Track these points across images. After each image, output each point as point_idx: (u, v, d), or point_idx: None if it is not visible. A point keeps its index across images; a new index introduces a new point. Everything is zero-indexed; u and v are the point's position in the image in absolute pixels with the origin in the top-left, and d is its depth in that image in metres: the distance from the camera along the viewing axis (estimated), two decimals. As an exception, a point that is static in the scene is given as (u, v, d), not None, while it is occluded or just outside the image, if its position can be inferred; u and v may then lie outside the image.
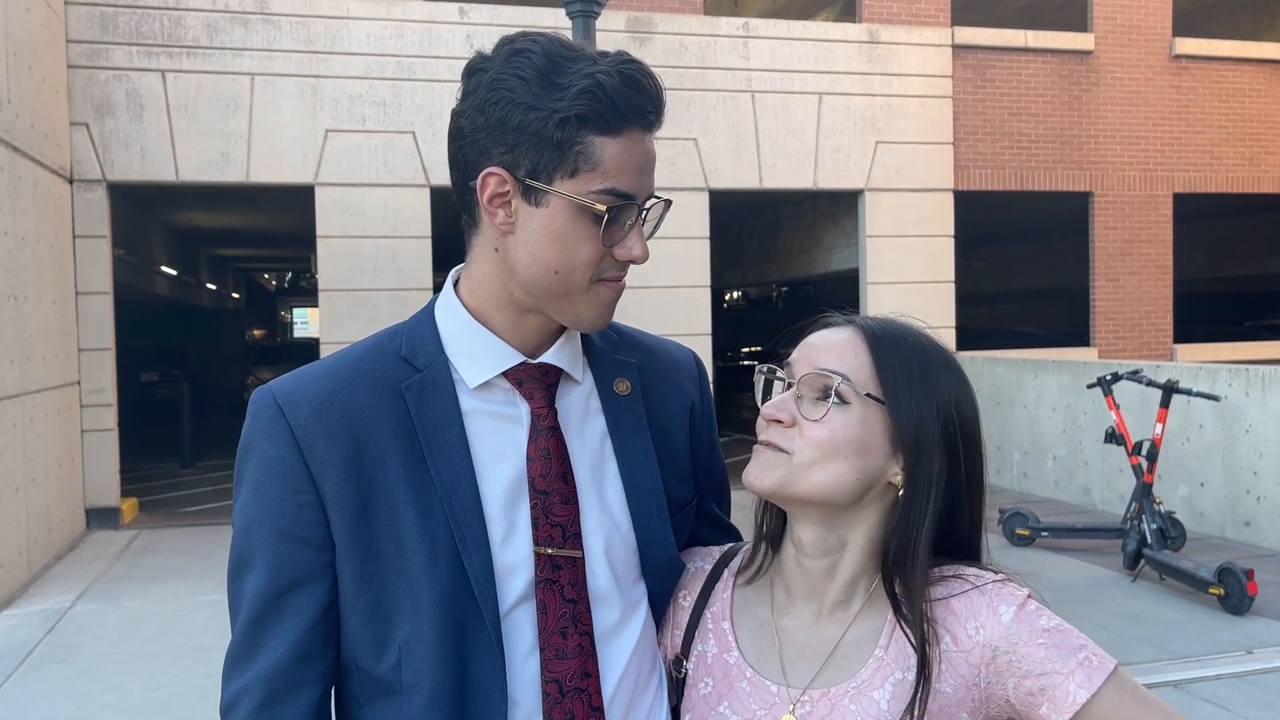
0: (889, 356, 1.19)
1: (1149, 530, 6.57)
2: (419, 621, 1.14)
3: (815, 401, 1.18)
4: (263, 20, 9.61)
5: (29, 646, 5.76)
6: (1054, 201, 12.51)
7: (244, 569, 1.17)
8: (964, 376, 1.25)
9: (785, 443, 1.18)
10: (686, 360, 1.44)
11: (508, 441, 1.21)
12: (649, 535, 1.28)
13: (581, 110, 1.11)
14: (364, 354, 1.23)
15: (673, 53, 10.64)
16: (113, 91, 9.27)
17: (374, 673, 1.17)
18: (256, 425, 1.18)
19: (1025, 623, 1.13)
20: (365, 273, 9.86)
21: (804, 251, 13.71)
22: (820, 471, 1.16)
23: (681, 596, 1.33)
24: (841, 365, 1.19)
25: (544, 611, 1.18)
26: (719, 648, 1.26)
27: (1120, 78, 12.20)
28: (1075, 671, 1.10)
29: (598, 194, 1.12)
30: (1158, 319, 12.51)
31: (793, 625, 1.24)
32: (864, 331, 1.22)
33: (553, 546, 1.19)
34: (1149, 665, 5.04)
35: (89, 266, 9.18)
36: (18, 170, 7.39)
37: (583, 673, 1.19)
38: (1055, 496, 9.56)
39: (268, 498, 1.16)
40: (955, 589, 1.17)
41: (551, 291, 1.17)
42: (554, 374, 1.24)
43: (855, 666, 1.18)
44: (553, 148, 1.12)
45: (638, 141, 1.16)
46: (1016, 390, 10.11)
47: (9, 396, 6.95)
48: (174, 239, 17.17)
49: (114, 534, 8.92)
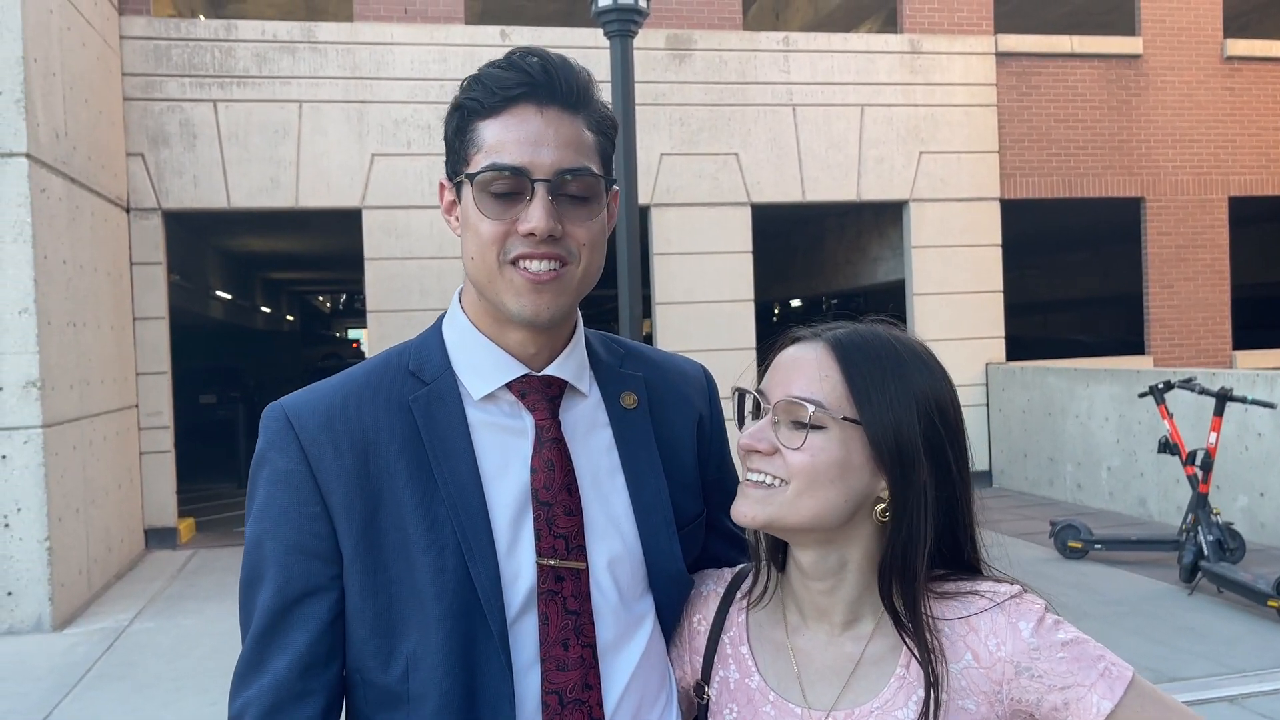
0: (860, 370, 1.18)
1: (1206, 542, 6.41)
2: (426, 632, 1.15)
3: (792, 428, 1.17)
4: (310, 49, 9.82)
5: (88, 664, 5.91)
6: (1104, 208, 12.31)
7: (255, 583, 1.19)
8: (940, 370, 1.23)
9: (770, 469, 1.18)
10: (695, 375, 1.45)
11: (513, 453, 1.22)
12: (655, 549, 1.28)
13: (462, 100, 1.19)
14: (373, 369, 1.26)
15: (713, 69, 10.67)
16: (167, 122, 9.53)
17: (381, 683, 1.18)
18: (267, 439, 1.21)
19: (1044, 637, 1.14)
20: (412, 293, 10.00)
21: (849, 263, 13.63)
22: (808, 499, 1.16)
23: (696, 620, 1.33)
24: (813, 390, 1.17)
25: (546, 623, 1.19)
26: (740, 673, 1.26)
27: (1170, 81, 11.99)
28: (1097, 683, 1.11)
29: (483, 170, 1.16)
30: (1215, 325, 12.23)
31: (808, 646, 1.24)
32: (833, 347, 1.20)
33: (555, 558, 1.20)
34: (1204, 680, 4.92)
35: (146, 293, 9.42)
36: (76, 201, 7.62)
37: (584, 684, 1.20)
38: (1110, 508, 9.37)
39: (277, 510, 1.18)
40: (974, 607, 1.17)
41: (480, 281, 1.20)
42: (558, 386, 1.26)
43: (877, 686, 1.18)
44: (456, 144, 1.20)
45: (524, 117, 1.17)
46: (1068, 400, 9.95)
47: (69, 420, 7.15)
48: (229, 264, 17.55)
49: (171, 553, 9.12)
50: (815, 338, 1.23)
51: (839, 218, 13.71)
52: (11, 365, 6.54)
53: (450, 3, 10.22)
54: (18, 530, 6.56)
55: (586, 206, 1.19)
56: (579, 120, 1.19)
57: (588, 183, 1.18)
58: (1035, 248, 17.23)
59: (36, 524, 6.59)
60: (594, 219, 1.20)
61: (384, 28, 9.97)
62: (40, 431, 6.60)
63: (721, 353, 10.32)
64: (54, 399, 6.84)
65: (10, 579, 6.55)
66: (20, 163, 6.56)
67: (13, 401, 6.55)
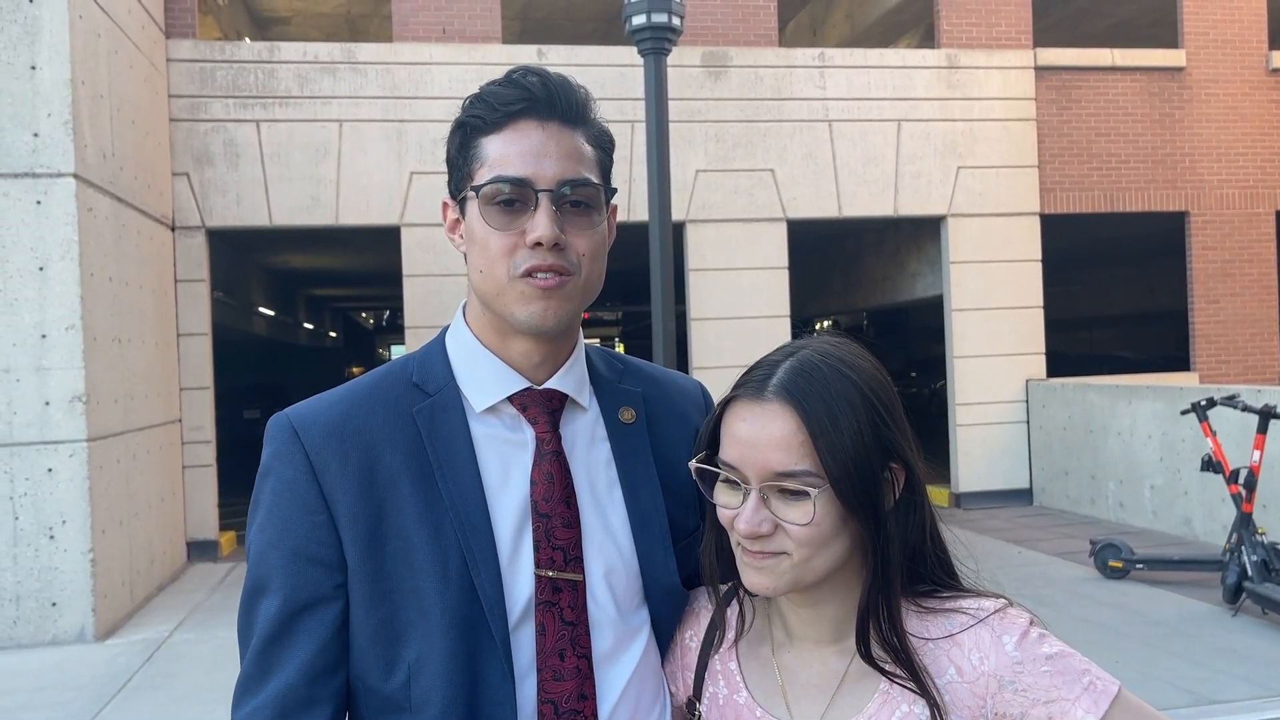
0: (824, 425, 1.13)
1: (1250, 562, 6.28)
2: (429, 640, 1.17)
3: (790, 503, 1.14)
4: (350, 69, 9.99)
5: (128, 674, 6.01)
6: (1148, 222, 12.14)
7: (259, 593, 1.20)
8: (870, 365, 1.19)
9: (772, 550, 1.16)
10: (693, 391, 1.47)
11: (514, 465, 1.24)
12: (651, 562, 1.29)
13: (464, 118, 1.23)
14: (377, 380, 1.28)
15: (748, 85, 10.69)
16: (211, 142, 9.72)
17: (382, 691, 1.19)
18: (273, 449, 1.23)
19: (1028, 651, 1.12)
20: (449, 310, 10.08)
21: (888, 279, 13.56)
22: (821, 560, 1.16)
23: (688, 636, 1.34)
24: (795, 461, 1.13)
25: (543, 633, 1.20)
26: (729, 689, 1.27)
27: (1215, 93, 11.82)
28: (1081, 697, 1.09)
29: (488, 183, 1.19)
30: (1263, 341, 11.99)
31: (794, 662, 1.24)
32: (792, 403, 1.14)
33: (553, 569, 1.21)
34: (1246, 703, 4.81)
35: (189, 309, 9.60)
36: (122, 219, 7.80)
37: (579, 694, 1.21)
38: (1154, 527, 9.21)
39: (282, 519, 1.20)
40: (957, 624, 1.17)
41: (487, 294, 1.22)
42: (559, 399, 1.28)
43: (861, 702, 1.18)
44: (459, 161, 1.24)
45: (526, 132, 1.20)
46: (1110, 417, 9.80)
47: (113, 434, 7.30)
48: (271, 281, 17.82)
49: (213, 566, 9.25)
50: (763, 397, 1.16)
51: (877, 233, 13.65)
52: (58, 380, 6.70)
53: (488, 22, 10.34)
54: (62, 542, 6.70)
55: (588, 216, 1.22)
56: (578, 134, 1.23)
57: (588, 192, 1.21)
58: (1077, 263, 17.03)
59: (80, 536, 6.72)
60: (595, 229, 1.23)
61: (422, 48, 10.11)
62: (85, 445, 6.74)
63: (757, 369, 10.28)
64: (99, 413, 6.98)
65: (55, 590, 6.68)
66: (68, 182, 6.73)
67: (59, 416, 6.70)
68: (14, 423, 6.64)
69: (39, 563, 6.67)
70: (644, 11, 6.63)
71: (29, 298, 6.67)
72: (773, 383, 1.16)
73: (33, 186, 6.68)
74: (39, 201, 6.69)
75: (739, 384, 1.20)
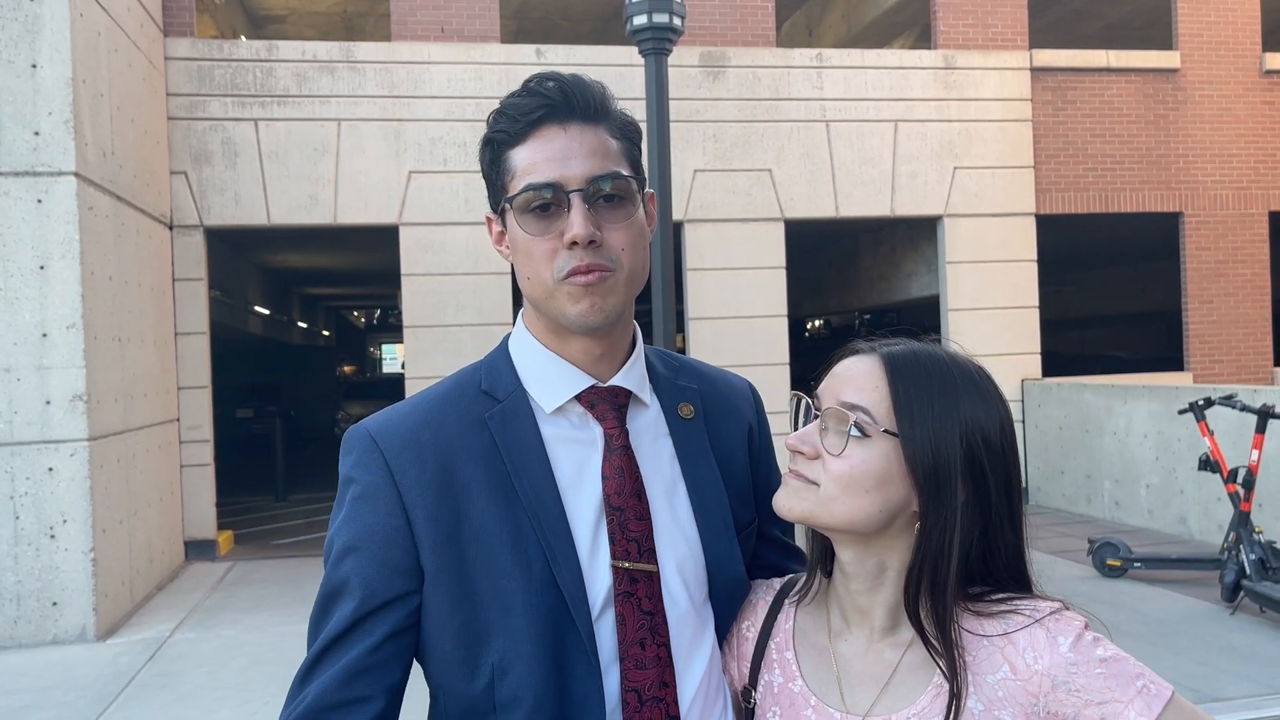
0: (907, 386, 1.20)
1: (1248, 561, 6.33)
2: (514, 639, 1.19)
3: (837, 435, 1.20)
4: (348, 68, 9.98)
5: (130, 674, 6.00)
6: (1142, 223, 12.20)
7: (336, 595, 1.22)
8: (994, 395, 1.25)
9: (810, 473, 1.22)
10: (743, 388, 1.51)
11: (586, 464, 1.28)
12: (717, 552, 1.33)
13: (490, 134, 1.26)
14: (448, 390, 1.32)
15: (746, 85, 10.72)
16: (209, 141, 9.71)
17: (466, 694, 1.21)
18: (353, 458, 1.26)
19: (1083, 653, 1.14)
20: (448, 309, 10.09)
21: (884, 279, 13.60)
22: (843, 505, 1.19)
23: (745, 627, 1.37)
24: (862, 398, 1.21)
25: (623, 623, 1.23)
26: (784, 677, 1.30)
27: (1209, 95, 11.88)
28: (1135, 700, 1.11)
29: (519, 192, 1.22)
30: (1256, 341, 12.07)
31: (849, 650, 1.27)
32: (885, 361, 1.23)
33: (629, 560, 1.25)
34: (1247, 701, 4.85)
35: (187, 308, 9.59)
36: (121, 218, 7.78)
37: (660, 682, 1.24)
38: (1149, 526, 9.26)
39: (361, 523, 1.22)
40: (1013, 624, 1.19)
41: (537, 298, 1.26)
42: (624, 396, 1.31)
43: (914, 694, 1.20)
44: (492, 176, 1.27)
45: (549, 137, 1.23)
46: (1106, 417, 9.85)
47: (113, 433, 7.29)
48: (267, 280, 17.79)
49: (211, 565, 9.24)
50: (871, 351, 1.26)
51: (873, 233, 13.69)
52: (59, 379, 6.69)
53: (486, 22, 10.34)
54: (63, 541, 6.69)
55: (622, 208, 1.24)
56: (601, 130, 1.25)
57: (619, 184, 1.23)
58: (1072, 263, 17.09)
59: (81, 535, 6.71)
60: (631, 220, 1.25)
61: (421, 47, 10.11)
62: (86, 445, 6.73)
63: (755, 368, 10.33)
64: (99, 412, 6.97)
65: (56, 589, 6.67)
66: (69, 181, 6.72)
67: (59, 415, 6.69)
68: (15, 422, 6.63)
69: (40, 562, 6.66)
70: (645, 12, 6.64)
71: (30, 296, 6.66)
72: (884, 347, 1.27)
73: (33, 185, 6.67)
74: (40, 200, 6.67)
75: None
